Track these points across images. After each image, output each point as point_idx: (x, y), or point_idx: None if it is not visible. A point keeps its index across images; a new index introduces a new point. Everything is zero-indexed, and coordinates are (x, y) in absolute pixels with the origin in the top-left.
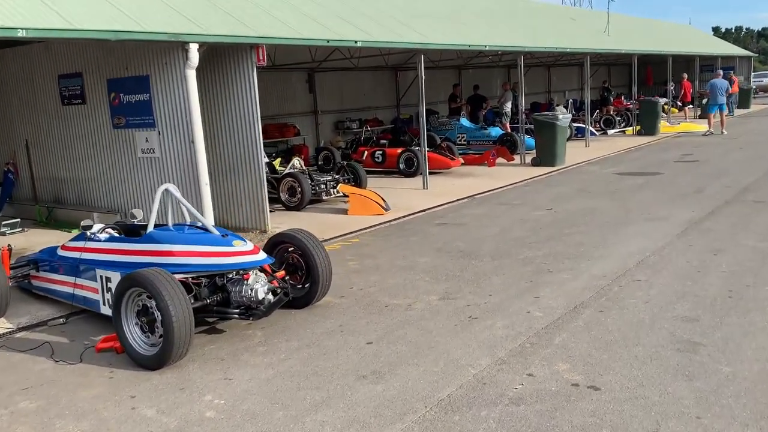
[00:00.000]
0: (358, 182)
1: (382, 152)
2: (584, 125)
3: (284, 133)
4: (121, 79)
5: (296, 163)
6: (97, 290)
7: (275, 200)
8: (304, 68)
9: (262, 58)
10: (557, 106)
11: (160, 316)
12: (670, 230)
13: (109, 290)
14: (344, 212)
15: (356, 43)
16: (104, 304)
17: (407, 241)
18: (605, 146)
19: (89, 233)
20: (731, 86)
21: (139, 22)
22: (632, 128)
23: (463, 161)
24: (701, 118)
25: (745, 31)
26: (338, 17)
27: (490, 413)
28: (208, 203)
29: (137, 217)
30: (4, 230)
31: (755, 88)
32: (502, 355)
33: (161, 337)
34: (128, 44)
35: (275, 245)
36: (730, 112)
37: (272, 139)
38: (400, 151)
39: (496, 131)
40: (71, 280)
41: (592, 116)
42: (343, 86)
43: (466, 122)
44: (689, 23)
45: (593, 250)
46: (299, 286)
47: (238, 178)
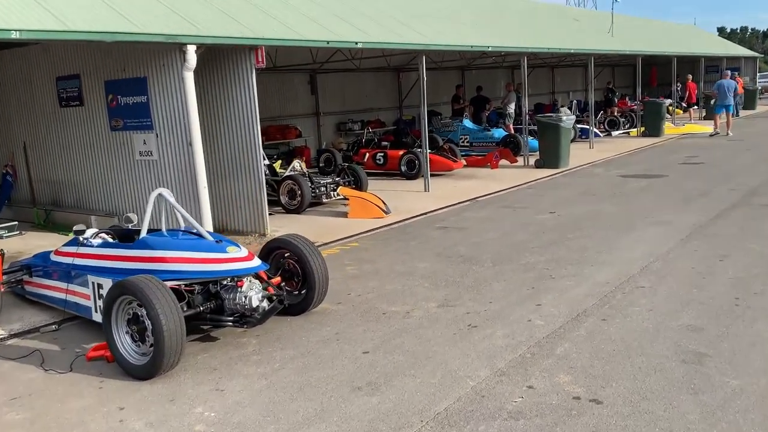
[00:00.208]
0: (358, 185)
1: (383, 154)
2: (588, 126)
3: (286, 134)
4: (118, 80)
5: (296, 165)
6: (89, 297)
7: (275, 203)
8: (305, 69)
9: (261, 59)
10: (561, 107)
11: (150, 325)
12: (675, 235)
13: (100, 297)
14: (344, 215)
15: (356, 44)
16: (96, 310)
17: (407, 245)
18: (609, 148)
19: (82, 238)
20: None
21: (135, 23)
22: (637, 129)
23: (465, 163)
24: (706, 119)
25: (750, 31)
26: (338, 18)
27: (488, 428)
28: (206, 206)
29: (132, 221)
30: (1, 233)
31: (760, 88)
32: (501, 365)
33: (152, 346)
34: (125, 46)
35: (271, 251)
36: (735, 113)
37: (274, 140)
38: (401, 152)
39: (499, 133)
40: (64, 286)
41: (596, 117)
42: (345, 87)
43: (469, 124)
44: (694, 23)
45: (597, 255)
46: (295, 292)
47: (237, 181)
